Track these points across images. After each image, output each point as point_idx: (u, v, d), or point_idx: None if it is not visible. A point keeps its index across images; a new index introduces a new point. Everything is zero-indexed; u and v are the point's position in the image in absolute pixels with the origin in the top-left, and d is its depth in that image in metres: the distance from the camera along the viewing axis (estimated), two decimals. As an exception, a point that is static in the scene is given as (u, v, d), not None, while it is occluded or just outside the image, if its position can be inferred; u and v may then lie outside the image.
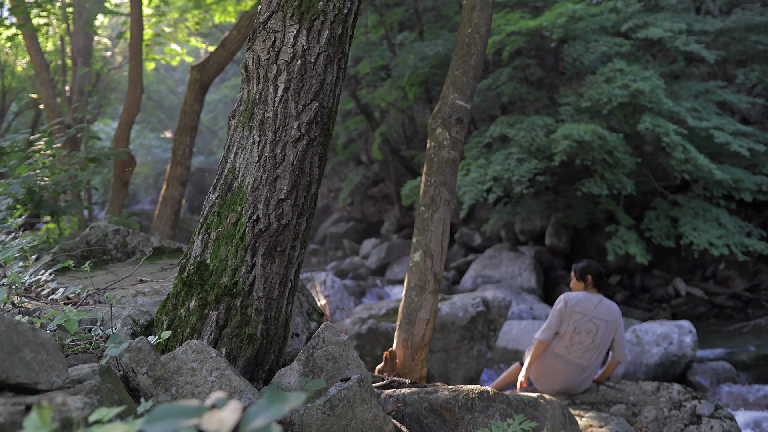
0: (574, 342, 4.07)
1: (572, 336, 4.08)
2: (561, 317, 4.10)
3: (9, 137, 4.84)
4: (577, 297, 4.14)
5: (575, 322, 4.08)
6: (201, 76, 7.57)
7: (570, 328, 4.08)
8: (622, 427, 3.45)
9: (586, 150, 8.74)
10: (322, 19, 1.97)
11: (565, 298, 4.16)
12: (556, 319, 4.10)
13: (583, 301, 4.12)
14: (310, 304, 2.63)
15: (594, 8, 10.00)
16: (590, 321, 4.08)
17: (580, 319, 4.08)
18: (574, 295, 4.16)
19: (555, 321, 4.10)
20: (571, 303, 4.11)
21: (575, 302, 4.12)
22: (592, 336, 4.07)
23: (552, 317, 4.12)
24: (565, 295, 4.19)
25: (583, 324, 4.08)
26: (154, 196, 24.10)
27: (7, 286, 2.27)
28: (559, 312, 4.11)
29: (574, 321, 4.08)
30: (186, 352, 1.72)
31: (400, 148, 15.39)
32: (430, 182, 3.57)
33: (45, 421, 0.78)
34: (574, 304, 4.11)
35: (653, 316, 9.04)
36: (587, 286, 4.25)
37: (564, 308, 4.11)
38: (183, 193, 7.64)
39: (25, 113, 16.46)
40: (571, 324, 4.08)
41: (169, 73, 25.37)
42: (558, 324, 4.10)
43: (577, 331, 4.08)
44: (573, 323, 4.08)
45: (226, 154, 2.05)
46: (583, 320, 4.08)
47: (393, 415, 2.20)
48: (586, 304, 4.11)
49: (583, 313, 4.09)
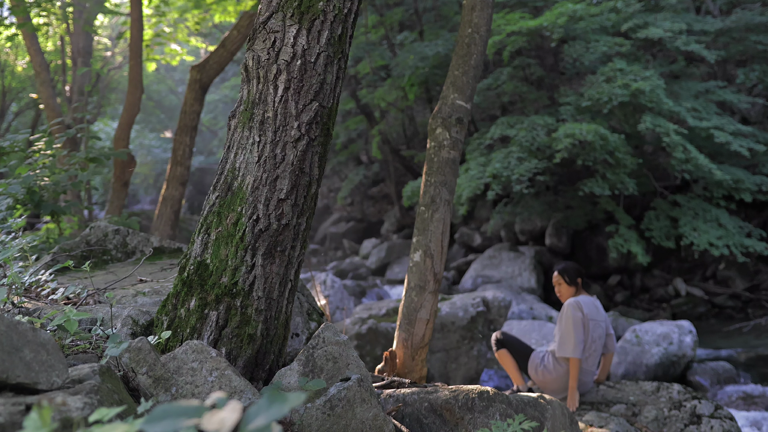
0: (591, 351, 3.93)
1: (590, 345, 3.93)
2: (584, 328, 3.90)
3: (9, 137, 4.84)
4: (586, 303, 3.96)
5: (592, 330, 3.92)
6: (201, 76, 7.57)
7: (589, 338, 3.92)
8: (622, 427, 3.45)
9: (587, 150, 8.74)
10: (322, 19, 1.97)
11: (579, 307, 3.92)
12: (581, 331, 3.87)
13: (589, 306, 3.96)
14: (310, 304, 2.63)
15: (594, 8, 10.00)
16: (598, 325, 3.96)
17: (595, 327, 3.93)
18: (583, 302, 3.95)
19: (581, 333, 3.87)
20: (586, 311, 3.92)
21: (588, 309, 3.93)
22: (601, 340, 3.97)
23: (576, 330, 3.86)
24: (575, 302, 3.93)
25: (597, 331, 3.94)
26: (154, 196, 24.11)
27: (7, 286, 2.27)
28: (582, 323, 3.89)
29: (591, 329, 3.92)
30: (186, 352, 1.72)
31: (400, 148, 15.39)
32: (430, 182, 3.57)
33: (45, 421, 0.78)
34: (588, 312, 3.92)
35: (653, 316, 9.04)
36: (579, 289, 4.09)
37: (584, 318, 3.90)
38: (183, 193, 7.64)
39: (25, 113, 16.46)
40: (590, 333, 3.92)
41: (169, 73, 25.38)
42: (584, 335, 3.90)
43: (593, 339, 3.93)
44: (590, 332, 3.92)
45: (226, 154, 2.05)
46: (596, 327, 3.94)
47: (393, 415, 2.20)
48: (593, 309, 3.96)
49: (595, 320, 3.94)
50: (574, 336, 3.86)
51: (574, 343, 3.85)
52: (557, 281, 4.14)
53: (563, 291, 4.12)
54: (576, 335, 3.86)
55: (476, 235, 12.87)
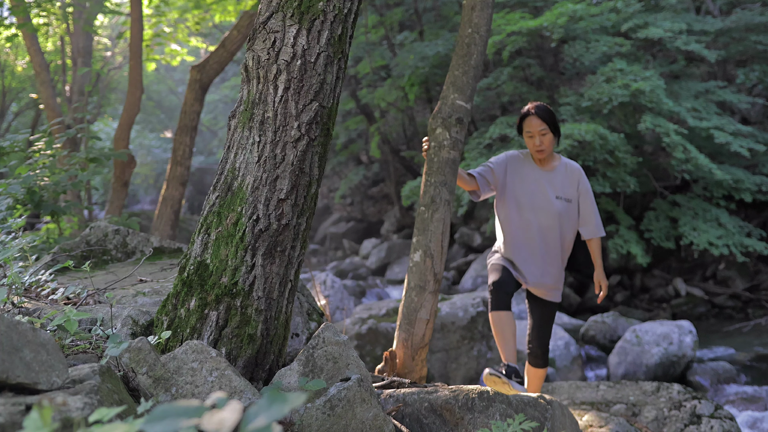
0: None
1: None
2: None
3: (9, 137, 4.84)
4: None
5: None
6: (201, 76, 7.57)
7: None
8: (622, 427, 3.45)
9: (587, 150, 8.74)
10: (322, 19, 1.97)
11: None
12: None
13: None
14: (310, 304, 2.63)
15: (594, 8, 9.99)
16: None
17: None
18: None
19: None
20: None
21: None
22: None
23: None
24: (581, 169, 3.38)
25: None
26: (154, 196, 24.10)
27: (7, 286, 2.27)
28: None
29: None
30: (186, 352, 1.72)
31: (400, 148, 15.38)
32: (430, 182, 3.56)
33: (45, 421, 0.78)
34: None
35: (653, 316, 9.04)
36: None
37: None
38: (183, 193, 7.64)
39: (25, 113, 16.45)
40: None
41: (169, 73, 25.37)
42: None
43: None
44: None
45: (226, 154, 2.05)
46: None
47: (393, 415, 2.20)
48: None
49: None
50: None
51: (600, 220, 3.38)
52: (539, 129, 3.18)
53: (547, 144, 3.22)
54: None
55: (476, 235, 12.87)
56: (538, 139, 3.21)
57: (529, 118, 3.22)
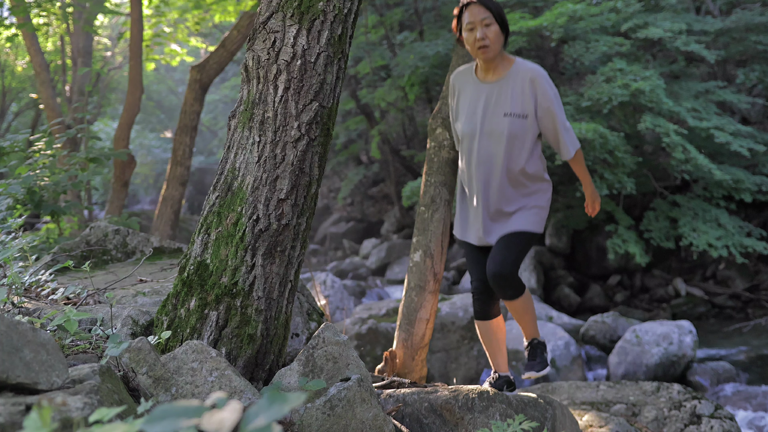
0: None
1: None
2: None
3: (9, 137, 4.84)
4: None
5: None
6: (201, 76, 7.57)
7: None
8: (622, 427, 3.45)
9: (587, 149, 8.74)
10: (322, 19, 1.97)
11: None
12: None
13: None
14: (310, 304, 2.63)
15: (594, 8, 9.99)
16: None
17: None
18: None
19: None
20: None
21: None
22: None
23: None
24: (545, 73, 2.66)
25: None
26: (154, 196, 24.08)
27: (7, 286, 2.27)
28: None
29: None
30: (186, 352, 1.72)
31: (400, 148, 15.38)
32: (430, 182, 3.57)
33: (45, 421, 0.78)
34: None
35: (653, 316, 9.04)
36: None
37: None
38: (183, 193, 7.64)
39: (25, 113, 16.45)
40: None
41: (169, 73, 25.36)
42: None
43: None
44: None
45: (226, 154, 2.05)
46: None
47: (393, 415, 2.20)
48: None
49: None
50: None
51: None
52: (481, 18, 2.50)
53: (493, 38, 2.51)
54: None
55: (476, 235, 12.85)
56: (480, 31, 2.49)
57: (470, 7, 2.53)
